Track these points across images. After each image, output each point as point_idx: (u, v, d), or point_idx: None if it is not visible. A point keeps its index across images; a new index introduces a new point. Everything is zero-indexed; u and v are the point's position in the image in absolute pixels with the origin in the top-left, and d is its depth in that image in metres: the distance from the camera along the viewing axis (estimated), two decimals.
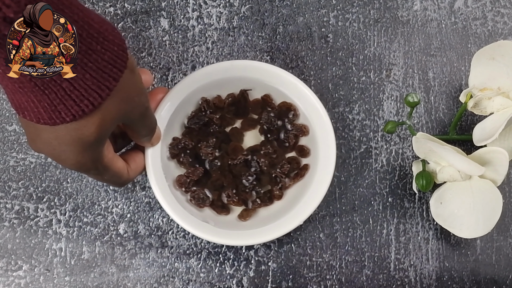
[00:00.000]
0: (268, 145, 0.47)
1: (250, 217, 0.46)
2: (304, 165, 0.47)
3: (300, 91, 0.46)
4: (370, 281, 0.48)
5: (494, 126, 0.44)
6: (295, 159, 0.47)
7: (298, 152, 0.47)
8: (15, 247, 0.48)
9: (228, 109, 0.48)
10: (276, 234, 0.44)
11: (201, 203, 0.46)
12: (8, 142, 0.49)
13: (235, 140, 0.48)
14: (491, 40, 0.52)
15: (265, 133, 0.47)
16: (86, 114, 0.33)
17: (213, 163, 0.47)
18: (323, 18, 0.52)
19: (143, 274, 0.48)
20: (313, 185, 0.45)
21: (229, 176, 0.46)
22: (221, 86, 0.47)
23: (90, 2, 0.51)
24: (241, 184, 0.46)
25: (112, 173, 0.40)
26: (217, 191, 0.46)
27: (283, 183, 0.46)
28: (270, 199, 0.46)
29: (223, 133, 0.48)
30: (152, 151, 0.44)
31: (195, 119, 0.47)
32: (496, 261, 0.49)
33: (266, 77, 0.46)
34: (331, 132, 0.45)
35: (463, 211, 0.45)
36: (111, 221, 0.48)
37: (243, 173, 0.46)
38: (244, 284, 0.48)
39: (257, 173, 0.46)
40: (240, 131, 0.48)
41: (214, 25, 0.51)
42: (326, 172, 0.44)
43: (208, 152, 0.46)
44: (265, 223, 0.45)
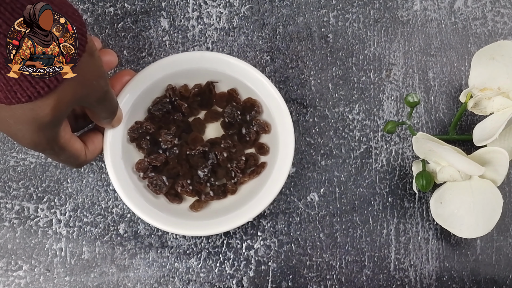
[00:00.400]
0: (228, 139, 0.47)
1: (202, 208, 0.46)
2: (262, 163, 0.47)
3: (266, 89, 0.46)
4: (370, 281, 0.49)
5: (494, 126, 0.44)
6: (254, 155, 0.47)
7: (258, 149, 0.48)
8: (15, 247, 0.48)
9: (193, 99, 0.48)
10: (225, 228, 0.44)
11: (158, 189, 0.46)
12: (8, 142, 0.49)
13: (196, 130, 0.48)
14: (491, 40, 0.52)
15: (227, 126, 0.48)
16: (42, 96, 0.33)
17: (172, 150, 0.47)
18: (323, 18, 0.52)
19: (143, 274, 0.48)
20: (268, 184, 0.45)
21: (185, 165, 0.47)
22: (189, 76, 0.47)
23: (90, 2, 0.51)
24: (196, 175, 0.47)
25: (68, 154, 0.40)
26: (171, 179, 0.47)
27: (238, 178, 0.47)
28: (224, 192, 0.47)
29: (185, 122, 0.48)
30: (112, 133, 0.45)
31: (158, 106, 0.47)
32: (496, 261, 0.49)
33: (235, 72, 0.46)
34: (291, 133, 0.45)
35: (463, 211, 0.45)
36: (111, 221, 0.48)
37: (200, 164, 0.46)
38: (244, 284, 0.48)
39: (214, 165, 0.47)
40: (202, 122, 0.48)
41: (214, 25, 0.51)
42: (282, 172, 0.45)
43: (167, 139, 0.46)
44: (216, 216, 0.45)
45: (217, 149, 0.47)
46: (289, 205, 0.49)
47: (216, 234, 0.45)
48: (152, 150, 0.47)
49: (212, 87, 0.48)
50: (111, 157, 0.44)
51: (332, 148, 0.50)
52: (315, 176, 0.50)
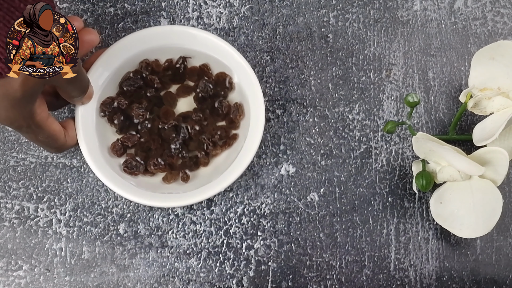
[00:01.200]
0: (200, 113, 0.47)
1: (175, 181, 0.47)
2: (233, 135, 0.48)
3: (237, 63, 0.46)
4: (370, 281, 0.49)
5: (494, 126, 0.44)
6: (225, 128, 0.48)
7: (229, 122, 0.48)
8: (15, 247, 0.48)
9: (164, 74, 0.48)
10: (197, 198, 0.45)
11: (136, 170, 0.46)
12: (8, 142, 0.49)
13: (168, 104, 0.48)
14: (491, 40, 0.52)
15: (199, 100, 0.48)
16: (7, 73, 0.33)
17: (143, 124, 0.47)
18: (323, 18, 0.52)
19: (143, 274, 0.48)
20: (239, 156, 0.45)
21: (157, 139, 0.47)
22: (162, 52, 0.48)
23: (90, 3, 0.51)
24: (168, 148, 0.47)
25: (46, 133, 0.41)
26: (144, 153, 0.47)
27: (210, 150, 0.47)
28: (196, 164, 0.47)
29: (156, 97, 0.48)
30: (84, 109, 0.45)
31: (130, 81, 0.47)
32: (496, 261, 0.49)
33: (206, 46, 0.47)
34: (262, 105, 0.46)
35: (463, 211, 0.45)
36: (111, 221, 0.48)
37: (172, 137, 0.47)
38: (244, 284, 0.48)
39: (186, 139, 0.47)
40: (174, 96, 0.49)
41: (214, 25, 0.52)
42: (253, 143, 0.45)
43: (139, 113, 0.47)
44: (189, 188, 0.46)
45: (189, 123, 0.47)
46: (289, 205, 0.49)
47: (189, 204, 0.46)
48: (124, 125, 0.47)
49: (185, 62, 0.48)
50: (83, 133, 0.45)
51: (332, 148, 0.50)
52: (315, 176, 0.50)
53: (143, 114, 0.47)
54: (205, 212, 0.49)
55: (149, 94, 0.48)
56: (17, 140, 0.49)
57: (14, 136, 0.49)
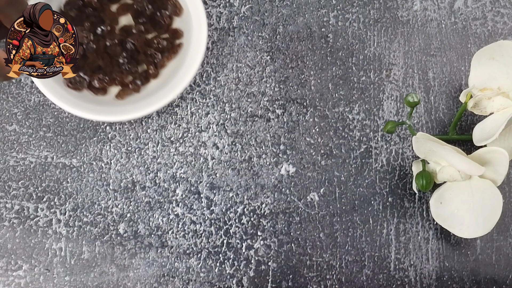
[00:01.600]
0: (141, 26, 0.49)
1: (128, 96, 0.48)
2: (178, 44, 0.49)
3: None
4: (370, 281, 0.49)
5: (494, 126, 0.44)
6: (169, 39, 0.49)
7: (172, 34, 0.49)
8: (15, 246, 0.48)
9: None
10: (153, 108, 0.46)
11: (79, 85, 0.47)
12: (8, 142, 0.49)
13: (110, 22, 0.49)
14: (491, 40, 0.52)
15: (138, 15, 0.49)
16: None
17: (89, 45, 0.48)
18: (323, 18, 0.52)
19: (143, 274, 0.48)
20: (186, 63, 0.47)
21: (106, 57, 0.48)
22: None
23: None
24: (117, 64, 0.48)
25: None
26: (94, 74, 0.48)
27: (158, 61, 0.48)
28: (146, 78, 0.48)
29: (98, 17, 0.49)
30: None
31: (70, 5, 0.48)
32: (496, 261, 0.49)
33: None
34: (202, 13, 0.47)
35: (463, 211, 0.45)
36: (111, 220, 0.48)
37: (118, 53, 0.48)
38: (244, 284, 0.48)
39: (133, 52, 0.48)
40: (114, 14, 0.49)
41: (214, 25, 0.51)
42: (198, 50, 0.47)
43: (83, 35, 0.48)
44: (142, 99, 0.47)
45: (133, 37, 0.48)
46: (289, 205, 0.49)
47: (143, 116, 0.47)
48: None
49: None
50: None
51: (332, 148, 0.50)
52: (315, 176, 0.50)
53: (87, 36, 0.48)
54: (205, 212, 0.49)
55: (89, 14, 0.48)
56: (17, 140, 0.49)
57: (14, 136, 0.49)
